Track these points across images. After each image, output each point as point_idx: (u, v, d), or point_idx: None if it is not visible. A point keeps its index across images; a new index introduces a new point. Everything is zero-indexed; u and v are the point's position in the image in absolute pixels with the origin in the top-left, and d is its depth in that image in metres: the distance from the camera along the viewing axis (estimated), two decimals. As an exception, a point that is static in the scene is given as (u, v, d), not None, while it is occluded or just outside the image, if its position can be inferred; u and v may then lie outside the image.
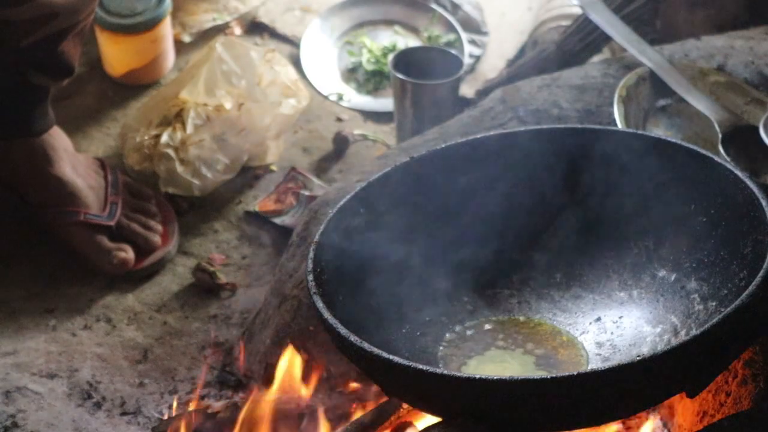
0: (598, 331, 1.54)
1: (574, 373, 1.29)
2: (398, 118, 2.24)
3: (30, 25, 1.87)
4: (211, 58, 2.22)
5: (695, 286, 1.50)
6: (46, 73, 1.95)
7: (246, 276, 2.06)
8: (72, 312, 1.98)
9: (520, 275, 1.61)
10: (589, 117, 1.90)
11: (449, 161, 1.59)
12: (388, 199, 1.56)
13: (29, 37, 1.88)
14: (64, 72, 1.97)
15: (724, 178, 1.49)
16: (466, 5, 2.52)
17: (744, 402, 1.48)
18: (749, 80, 1.96)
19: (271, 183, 2.22)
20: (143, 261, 2.04)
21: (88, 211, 2.03)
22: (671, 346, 1.29)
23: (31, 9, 1.85)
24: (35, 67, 1.94)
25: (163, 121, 2.19)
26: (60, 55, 1.93)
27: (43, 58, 1.93)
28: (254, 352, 1.84)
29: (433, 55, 2.25)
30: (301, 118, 2.30)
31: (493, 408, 1.33)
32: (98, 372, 1.87)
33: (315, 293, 1.42)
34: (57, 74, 1.97)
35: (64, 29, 1.90)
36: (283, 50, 2.47)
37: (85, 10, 1.91)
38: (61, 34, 1.90)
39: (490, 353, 1.53)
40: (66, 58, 1.94)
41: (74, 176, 2.04)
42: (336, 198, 1.80)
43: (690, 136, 1.83)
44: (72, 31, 1.91)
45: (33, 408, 1.76)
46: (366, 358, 1.36)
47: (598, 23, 2.00)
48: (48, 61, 1.93)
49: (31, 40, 1.88)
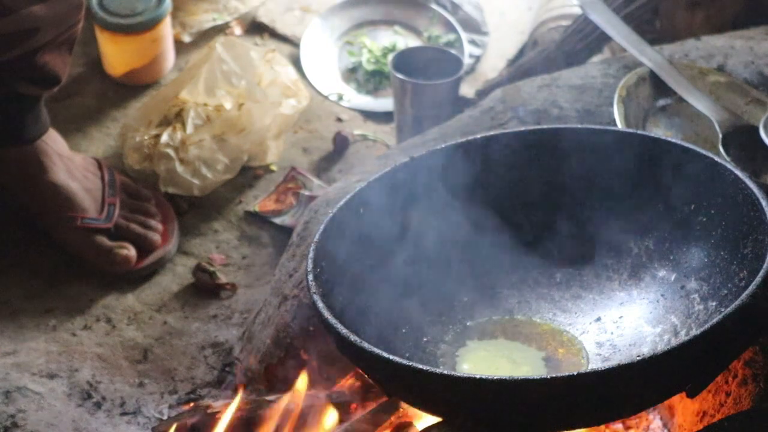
0: (598, 331, 1.54)
1: (574, 373, 1.29)
2: (398, 118, 2.24)
3: (10, 38, 1.84)
4: (211, 58, 2.22)
5: (695, 286, 1.50)
6: (33, 83, 1.94)
7: (246, 276, 2.06)
8: (72, 312, 1.98)
9: (520, 275, 1.61)
10: (589, 117, 1.90)
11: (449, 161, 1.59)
12: (388, 199, 1.56)
13: (11, 52, 1.86)
14: (50, 82, 1.95)
15: (724, 178, 1.49)
16: (466, 5, 2.52)
17: (744, 402, 1.48)
18: (749, 80, 1.96)
19: (271, 183, 2.22)
20: (143, 260, 2.04)
21: (85, 216, 2.02)
22: (671, 346, 1.29)
23: (12, 23, 1.82)
24: (21, 79, 1.92)
25: (163, 121, 2.19)
26: (43, 67, 1.91)
27: (27, 71, 1.90)
28: (254, 352, 1.84)
29: (433, 55, 2.25)
30: (301, 118, 2.30)
31: (494, 408, 1.33)
32: (98, 372, 1.88)
33: (315, 293, 1.42)
34: (44, 85, 1.95)
35: (46, 43, 1.87)
36: (283, 50, 2.47)
37: (69, 22, 1.89)
38: (44, 47, 1.88)
39: (490, 353, 1.53)
40: (50, 70, 1.92)
41: (69, 181, 2.03)
42: (336, 198, 1.80)
43: (690, 136, 1.83)
44: (55, 43, 1.89)
45: (33, 408, 1.76)
46: (366, 358, 1.36)
47: (598, 23, 2.00)
48: (32, 73, 1.91)
49: (12, 55, 1.86)
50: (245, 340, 1.89)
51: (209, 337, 1.95)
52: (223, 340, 1.94)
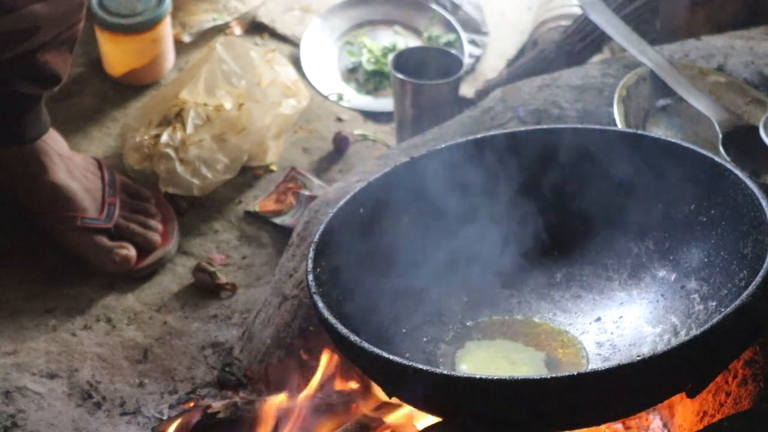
0: (598, 331, 1.54)
1: (574, 373, 1.29)
2: (398, 118, 2.24)
3: (11, 37, 1.84)
4: (211, 58, 2.22)
5: (695, 286, 1.50)
6: (34, 82, 1.93)
7: (246, 276, 2.06)
8: (72, 312, 1.98)
9: (521, 275, 1.61)
10: (589, 117, 1.90)
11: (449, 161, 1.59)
12: (388, 199, 1.56)
13: (11, 50, 1.85)
14: (50, 82, 1.95)
15: (724, 178, 1.49)
16: (466, 5, 2.52)
17: (744, 402, 1.48)
18: (749, 80, 1.96)
19: (271, 183, 2.22)
20: (144, 260, 2.04)
21: (85, 215, 2.02)
22: (671, 346, 1.29)
23: (13, 21, 1.82)
24: (21, 78, 1.92)
25: (163, 121, 2.19)
26: (44, 66, 1.90)
27: (27, 70, 1.90)
28: (254, 352, 1.84)
29: (433, 55, 2.25)
30: (301, 118, 2.30)
31: (493, 408, 1.33)
32: (98, 372, 1.87)
33: (315, 293, 1.42)
34: (44, 84, 1.95)
35: (46, 42, 1.87)
36: (283, 50, 2.47)
37: (70, 22, 1.89)
38: (44, 46, 1.88)
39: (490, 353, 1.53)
40: (51, 69, 1.92)
41: (69, 180, 2.03)
42: (336, 198, 1.80)
43: (690, 136, 1.83)
44: (55, 42, 1.89)
45: (33, 408, 1.76)
46: (366, 358, 1.36)
47: (598, 23, 2.00)
48: (32, 72, 1.91)
49: (12, 53, 1.85)
50: (245, 340, 1.89)
51: (209, 337, 1.95)
52: (223, 340, 1.94)
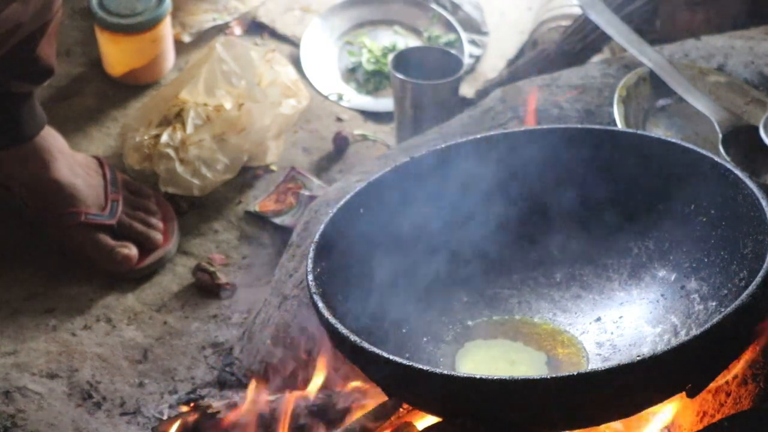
0: (598, 331, 1.54)
1: (574, 373, 1.29)
2: (398, 118, 2.24)
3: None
4: (211, 58, 2.22)
5: (695, 286, 1.50)
6: (26, 79, 1.93)
7: (246, 276, 2.06)
8: (72, 312, 1.98)
9: (520, 275, 1.61)
10: (589, 117, 1.90)
11: (449, 161, 1.59)
12: (388, 199, 1.56)
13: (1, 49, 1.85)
14: (43, 74, 1.95)
15: (724, 178, 1.49)
16: (466, 5, 2.52)
17: (744, 402, 1.48)
18: (749, 80, 1.96)
19: (271, 183, 2.21)
20: (144, 260, 2.04)
21: (88, 211, 2.02)
22: (671, 346, 1.29)
23: None
24: (14, 77, 1.91)
25: (163, 121, 2.19)
26: (37, 59, 1.90)
27: (20, 66, 1.90)
28: (254, 352, 1.84)
29: (433, 55, 2.25)
30: (301, 118, 2.30)
31: (493, 408, 1.33)
32: (98, 372, 1.88)
33: (315, 293, 1.42)
34: (37, 78, 1.95)
35: (33, 32, 1.86)
36: (283, 50, 2.47)
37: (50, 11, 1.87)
38: (32, 38, 1.87)
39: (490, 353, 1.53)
40: (43, 61, 1.92)
41: (72, 177, 2.03)
42: (336, 198, 1.80)
43: (690, 136, 1.83)
44: (44, 33, 1.88)
45: (33, 408, 1.76)
46: (366, 358, 1.36)
47: (598, 23, 2.00)
48: (25, 67, 1.91)
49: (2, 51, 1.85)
50: (245, 340, 1.89)
51: (209, 337, 1.95)
52: (223, 340, 1.94)
